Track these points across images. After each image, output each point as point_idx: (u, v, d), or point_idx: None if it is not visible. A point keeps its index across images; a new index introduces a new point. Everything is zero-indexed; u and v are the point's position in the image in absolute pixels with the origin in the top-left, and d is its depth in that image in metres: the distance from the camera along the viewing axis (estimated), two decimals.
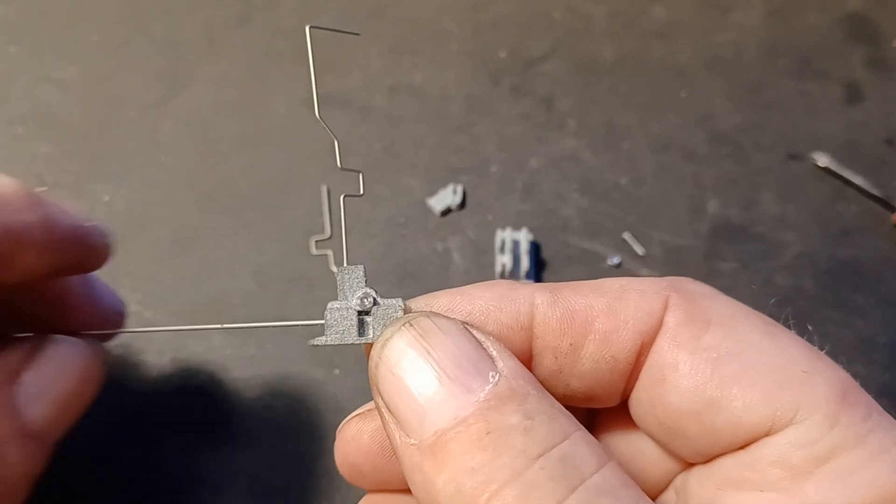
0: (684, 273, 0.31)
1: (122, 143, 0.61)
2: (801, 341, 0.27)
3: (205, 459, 0.48)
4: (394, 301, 0.28)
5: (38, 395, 0.33)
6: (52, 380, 0.33)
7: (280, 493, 0.47)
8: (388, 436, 0.25)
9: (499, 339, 0.27)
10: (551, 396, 0.25)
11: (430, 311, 0.27)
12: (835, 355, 0.27)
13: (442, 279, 0.55)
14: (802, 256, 0.56)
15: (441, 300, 0.28)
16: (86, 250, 0.34)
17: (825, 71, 0.65)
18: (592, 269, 0.56)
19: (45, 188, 0.34)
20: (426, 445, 0.23)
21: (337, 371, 0.51)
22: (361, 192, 0.30)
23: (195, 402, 0.50)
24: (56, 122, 0.62)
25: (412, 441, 0.24)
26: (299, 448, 0.48)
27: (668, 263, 0.56)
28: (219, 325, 0.35)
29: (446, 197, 0.58)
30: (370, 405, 0.31)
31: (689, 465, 0.29)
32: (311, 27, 0.28)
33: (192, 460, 0.48)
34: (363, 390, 0.50)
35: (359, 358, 0.51)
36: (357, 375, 0.51)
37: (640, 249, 0.56)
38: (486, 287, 0.29)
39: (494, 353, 0.25)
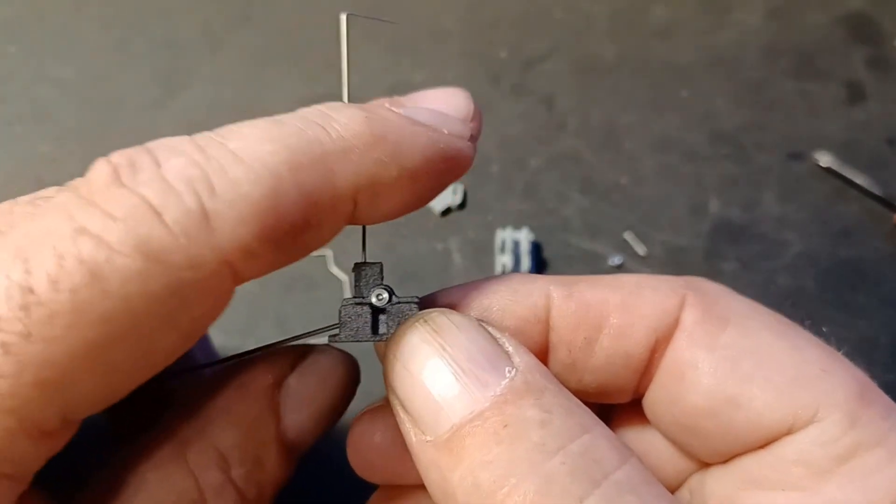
0: (686, 273, 0.31)
1: (121, 142, 0.60)
2: (818, 341, 0.27)
3: None
4: (409, 298, 0.27)
5: (300, 403, 0.31)
6: (314, 389, 0.32)
7: (278, 493, 0.47)
8: (403, 434, 0.25)
9: (516, 332, 0.26)
10: (568, 392, 0.24)
11: (445, 308, 0.26)
12: None
13: (442, 279, 0.55)
14: (803, 256, 0.56)
15: (456, 295, 0.28)
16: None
17: (826, 70, 0.65)
18: (594, 269, 0.55)
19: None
20: (442, 441, 0.23)
21: None
22: None
23: None
24: (55, 121, 0.62)
25: (428, 438, 0.23)
26: None
27: (670, 264, 0.56)
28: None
29: (446, 197, 0.58)
30: (383, 399, 0.31)
31: (704, 465, 0.29)
32: (348, 14, 0.27)
33: None
34: (363, 391, 0.50)
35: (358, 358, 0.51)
36: None
37: (641, 249, 0.56)
38: (501, 280, 0.28)
39: (510, 349, 0.25)
